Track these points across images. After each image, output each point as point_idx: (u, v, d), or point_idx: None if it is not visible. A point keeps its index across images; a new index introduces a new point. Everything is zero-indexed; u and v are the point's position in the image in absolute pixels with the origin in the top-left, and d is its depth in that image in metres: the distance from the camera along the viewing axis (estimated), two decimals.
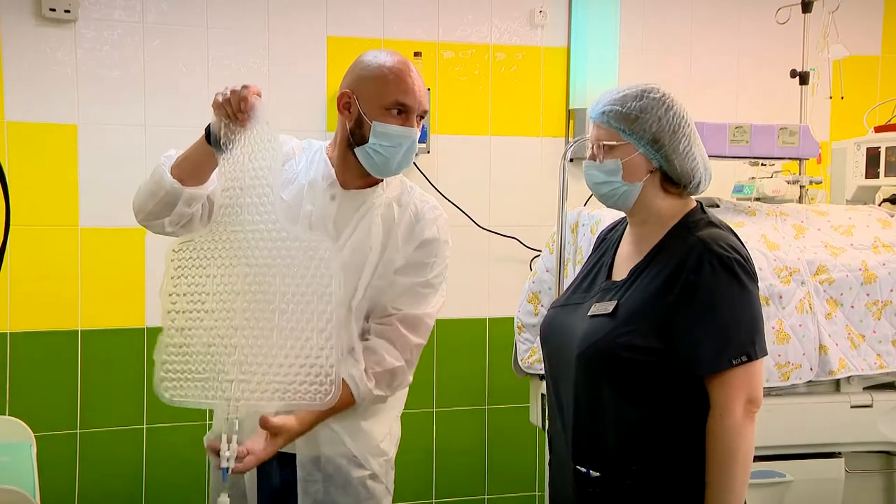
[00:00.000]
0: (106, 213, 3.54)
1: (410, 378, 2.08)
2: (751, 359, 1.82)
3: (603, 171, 1.92)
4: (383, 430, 2.13)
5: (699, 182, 1.94)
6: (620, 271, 1.98)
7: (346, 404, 1.95)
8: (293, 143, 2.18)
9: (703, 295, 1.82)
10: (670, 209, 1.94)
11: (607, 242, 2.09)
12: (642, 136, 1.88)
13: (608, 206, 1.99)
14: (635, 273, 1.92)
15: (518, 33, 3.98)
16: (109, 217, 3.54)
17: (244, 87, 1.87)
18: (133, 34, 3.55)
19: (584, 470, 1.89)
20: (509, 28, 3.97)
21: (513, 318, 3.19)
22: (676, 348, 1.83)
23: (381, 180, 2.08)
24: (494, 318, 3.92)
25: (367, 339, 2.03)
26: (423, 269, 2.06)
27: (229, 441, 1.79)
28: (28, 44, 3.43)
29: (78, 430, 3.54)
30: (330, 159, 2.10)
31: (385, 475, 2.13)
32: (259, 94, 1.88)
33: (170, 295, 1.88)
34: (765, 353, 1.86)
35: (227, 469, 1.78)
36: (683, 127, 1.90)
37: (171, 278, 1.88)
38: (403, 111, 1.99)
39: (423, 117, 2.03)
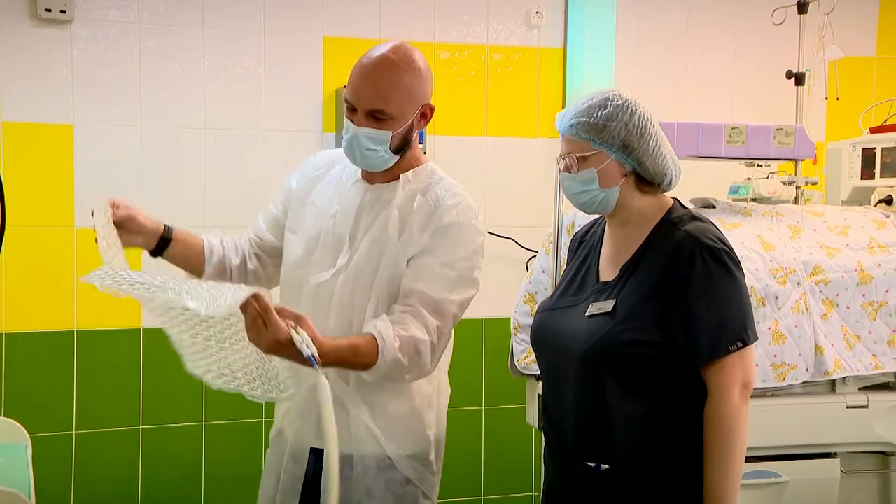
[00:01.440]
0: None
1: (431, 364, 2.00)
2: (745, 344, 1.89)
3: (579, 181, 1.98)
4: (418, 434, 2.10)
5: (671, 179, 2.00)
6: (608, 272, 2.03)
7: (369, 359, 1.91)
8: (331, 154, 2.24)
9: (698, 287, 1.88)
10: (650, 207, 2.00)
11: (587, 245, 2.14)
12: (612, 143, 1.94)
13: (589, 214, 2.07)
14: (627, 271, 1.97)
15: (514, 34, 3.98)
16: None
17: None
18: (129, 34, 3.54)
19: (593, 465, 1.94)
20: (506, 29, 3.97)
21: (509, 319, 3.19)
22: (675, 339, 1.89)
23: (405, 172, 2.10)
24: (490, 318, 3.92)
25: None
26: (443, 251, 2.02)
27: (296, 329, 1.75)
28: (24, 44, 3.43)
29: (74, 431, 3.54)
30: None
31: (421, 480, 2.10)
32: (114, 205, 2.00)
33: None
34: (756, 339, 1.93)
35: (313, 355, 1.74)
36: (650, 128, 1.96)
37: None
38: (353, 108, 2.01)
39: (380, 117, 1.99)
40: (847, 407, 2.89)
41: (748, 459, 1.93)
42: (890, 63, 4.42)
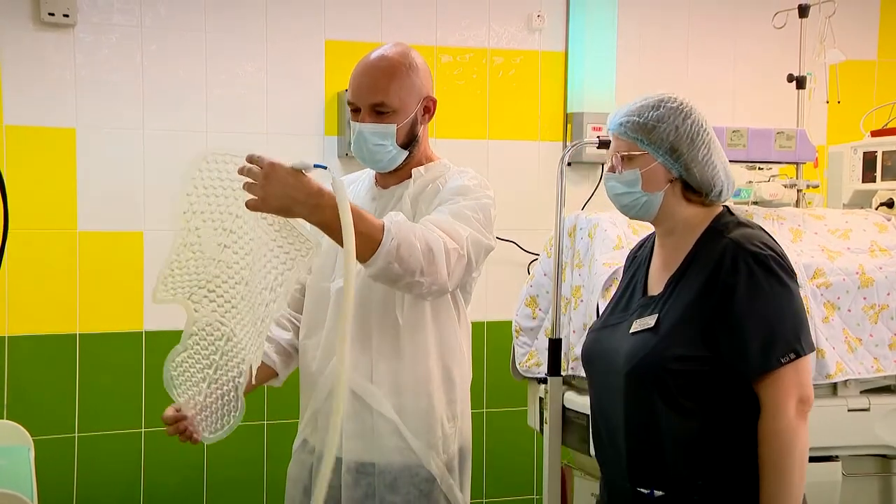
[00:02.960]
0: (104, 216, 3.54)
1: (447, 274, 1.91)
2: (799, 355, 1.79)
3: (622, 181, 1.91)
4: (441, 431, 2.09)
5: (721, 190, 1.92)
6: (656, 286, 1.96)
7: (373, 231, 1.83)
8: (347, 178, 2.27)
9: (743, 295, 1.80)
10: (696, 217, 1.93)
11: (638, 260, 2.07)
12: (660, 146, 1.87)
13: (630, 217, 1.99)
14: (672, 284, 1.90)
15: (516, 38, 3.98)
16: (107, 221, 3.54)
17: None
18: (131, 38, 3.55)
19: (647, 492, 1.86)
20: (507, 32, 3.98)
21: (511, 322, 3.20)
22: (722, 353, 1.81)
23: (416, 168, 2.12)
24: (492, 321, 3.93)
25: None
26: (449, 203, 2.03)
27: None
28: (27, 48, 3.44)
29: (76, 434, 3.54)
30: None
31: (442, 479, 2.09)
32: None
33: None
34: (812, 349, 1.84)
35: (317, 164, 1.78)
36: (702, 135, 1.89)
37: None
38: (356, 108, 2.07)
39: (382, 110, 2.04)
40: (848, 410, 2.89)
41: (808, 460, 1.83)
42: (891, 66, 4.43)
